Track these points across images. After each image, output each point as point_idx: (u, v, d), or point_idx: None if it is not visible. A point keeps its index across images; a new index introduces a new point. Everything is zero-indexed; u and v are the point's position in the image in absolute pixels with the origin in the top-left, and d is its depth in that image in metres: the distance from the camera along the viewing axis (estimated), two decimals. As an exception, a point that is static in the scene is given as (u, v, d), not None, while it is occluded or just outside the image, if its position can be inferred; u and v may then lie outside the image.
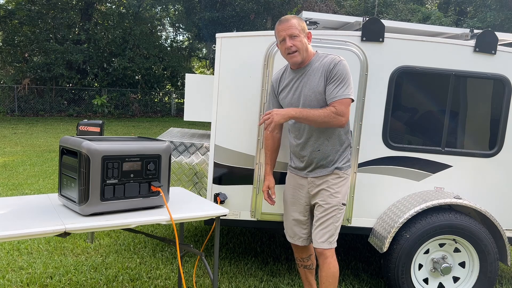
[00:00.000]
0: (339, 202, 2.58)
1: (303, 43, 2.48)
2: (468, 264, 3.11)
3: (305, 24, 2.54)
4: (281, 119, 2.46)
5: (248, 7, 19.37)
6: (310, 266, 2.90)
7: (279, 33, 2.51)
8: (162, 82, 21.64)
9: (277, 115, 2.45)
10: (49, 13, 18.99)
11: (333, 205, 2.57)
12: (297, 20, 2.50)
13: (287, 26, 2.46)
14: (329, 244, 2.57)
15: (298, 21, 2.49)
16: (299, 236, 2.78)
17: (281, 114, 2.46)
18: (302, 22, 2.52)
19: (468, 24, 17.18)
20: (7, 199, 2.37)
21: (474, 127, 3.21)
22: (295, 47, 2.46)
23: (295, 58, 2.50)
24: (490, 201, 3.23)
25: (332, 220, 2.57)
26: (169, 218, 2.19)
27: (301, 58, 2.51)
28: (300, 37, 2.46)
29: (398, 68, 3.07)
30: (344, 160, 2.62)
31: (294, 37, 2.46)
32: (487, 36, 3.09)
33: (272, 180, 2.84)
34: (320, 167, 2.61)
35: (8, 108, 17.93)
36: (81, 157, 2.07)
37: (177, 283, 3.26)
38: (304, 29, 2.51)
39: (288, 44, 2.46)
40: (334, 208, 2.57)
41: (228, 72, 3.06)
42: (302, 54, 2.49)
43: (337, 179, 2.60)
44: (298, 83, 2.57)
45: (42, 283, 3.23)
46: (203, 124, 13.09)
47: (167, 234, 4.38)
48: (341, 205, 2.59)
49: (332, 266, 2.58)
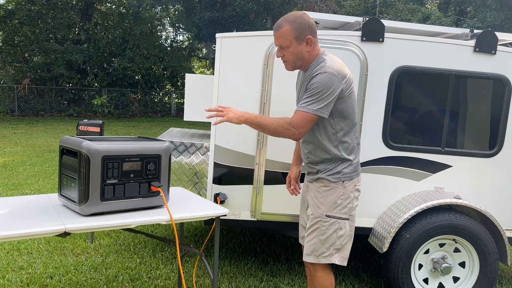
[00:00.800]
0: (322, 214, 2.37)
1: (294, 53, 2.30)
2: (468, 264, 3.11)
3: (306, 28, 2.28)
4: (234, 119, 2.26)
5: (248, 7, 19.37)
6: None
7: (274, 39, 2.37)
8: (162, 82, 21.65)
9: (232, 113, 2.26)
10: (49, 13, 19.00)
11: (316, 217, 2.39)
12: (291, 26, 2.26)
13: (277, 35, 2.31)
14: (314, 258, 2.39)
15: (293, 28, 2.26)
16: (301, 238, 2.74)
17: (237, 114, 2.27)
18: (301, 26, 2.27)
19: (468, 24, 17.18)
20: (7, 199, 2.37)
21: (474, 127, 3.21)
22: (285, 57, 2.35)
23: (286, 66, 2.41)
24: (490, 201, 3.23)
25: (316, 233, 2.38)
26: (169, 218, 2.19)
27: (292, 68, 2.39)
28: (290, 48, 2.29)
29: (398, 68, 3.07)
30: (332, 172, 2.37)
31: (283, 48, 2.32)
32: (487, 36, 3.09)
33: (294, 170, 2.76)
34: (310, 173, 2.51)
35: (8, 108, 17.93)
36: (81, 157, 2.07)
37: (177, 283, 3.26)
38: (300, 35, 2.27)
39: (278, 54, 2.38)
40: (317, 220, 2.39)
41: (228, 72, 3.06)
42: (292, 64, 2.36)
43: (321, 188, 2.40)
44: (300, 86, 2.50)
45: (42, 283, 3.23)
46: (203, 124, 13.09)
47: (167, 234, 4.38)
48: (324, 217, 2.36)
49: (323, 280, 2.41)
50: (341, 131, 2.35)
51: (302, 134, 2.28)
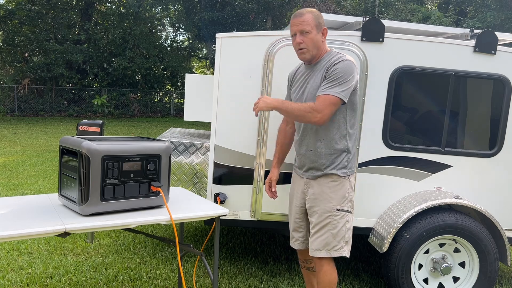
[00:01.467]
0: (333, 208, 2.45)
1: (314, 40, 2.39)
2: (468, 264, 3.11)
3: (322, 19, 2.43)
4: (264, 107, 2.41)
5: (248, 7, 19.37)
6: (313, 268, 2.83)
7: (292, 27, 2.43)
8: (162, 82, 21.65)
9: (263, 102, 2.41)
10: (49, 13, 19.00)
11: (327, 211, 2.45)
12: (312, 15, 2.39)
13: (300, 21, 2.38)
14: (327, 252, 2.46)
15: (314, 16, 2.39)
16: (296, 239, 2.72)
17: (267, 102, 2.41)
18: (320, 17, 2.42)
19: (468, 24, 17.18)
20: (7, 199, 2.37)
21: (474, 127, 3.21)
22: (304, 44, 2.39)
23: (303, 55, 2.44)
24: (490, 201, 3.23)
25: (328, 227, 2.45)
26: (169, 218, 2.19)
27: (310, 56, 2.44)
28: (311, 34, 2.37)
29: (398, 68, 3.07)
30: (339, 166, 2.46)
31: (305, 33, 2.37)
32: (487, 36, 3.09)
33: (275, 173, 2.78)
34: (313, 168, 2.51)
35: (8, 108, 17.93)
36: (81, 157, 2.08)
37: (177, 283, 3.26)
38: (319, 25, 2.40)
39: (298, 40, 2.40)
40: (328, 215, 2.45)
41: (228, 72, 3.06)
42: (310, 51, 2.41)
43: (331, 183, 2.47)
44: (305, 79, 2.53)
45: (42, 283, 3.23)
46: (203, 124, 13.09)
47: (167, 234, 4.38)
48: (336, 211, 2.45)
49: (329, 274, 2.48)
50: (350, 122, 2.47)
51: (324, 118, 2.33)
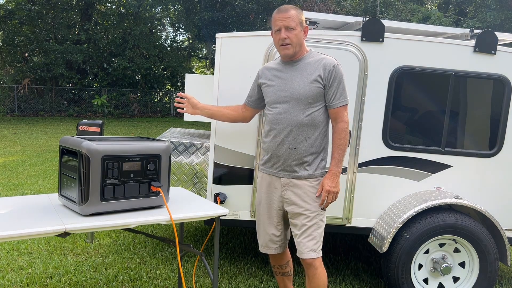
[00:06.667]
0: (319, 208, 2.49)
1: (298, 37, 2.40)
2: (468, 264, 3.11)
3: (303, 17, 2.45)
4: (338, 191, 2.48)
5: (248, 7, 19.35)
6: (288, 273, 2.80)
7: (276, 22, 2.41)
8: (162, 82, 21.64)
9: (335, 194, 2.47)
10: (49, 13, 18.99)
11: (314, 211, 2.47)
12: (296, 11, 2.41)
13: (285, 16, 2.37)
14: (316, 253, 2.47)
15: (297, 13, 2.41)
16: (274, 242, 2.66)
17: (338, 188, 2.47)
18: (301, 14, 2.44)
19: (468, 24, 17.18)
20: (7, 199, 2.37)
21: (474, 127, 3.21)
22: (289, 39, 2.38)
23: (287, 50, 2.41)
24: (490, 201, 3.23)
25: (315, 227, 2.48)
26: (169, 218, 2.19)
27: (293, 52, 2.42)
28: (296, 31, 2.38)
29: (398, 68, 3.07)
30: (321, 165, 2.51)
31: (290, 29, 2.37)
32: (487, 36, 3.09)
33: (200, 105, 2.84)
34: (295, 168, 2.47)
35: (8, 108, 17.92)
36: (81, 157, 2.07)
37: (177, 283, 3.26)
38: (302, 22, 2.43)
39: (282, 35, 2.38)
40: (315, 214, 2.48)
41: (228, 72, 3.06)
42: (294, 47, 2.41)
43: (313, 182, 2.49)
44: (287, 76, 2.47)
45: (42, 283, 3.23)
46: (203, 124, 13.09)
47: (167, 234, 4.38)
48: (321, 211, 2.50)
49: (323, 275, 2.50)
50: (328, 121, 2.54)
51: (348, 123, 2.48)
